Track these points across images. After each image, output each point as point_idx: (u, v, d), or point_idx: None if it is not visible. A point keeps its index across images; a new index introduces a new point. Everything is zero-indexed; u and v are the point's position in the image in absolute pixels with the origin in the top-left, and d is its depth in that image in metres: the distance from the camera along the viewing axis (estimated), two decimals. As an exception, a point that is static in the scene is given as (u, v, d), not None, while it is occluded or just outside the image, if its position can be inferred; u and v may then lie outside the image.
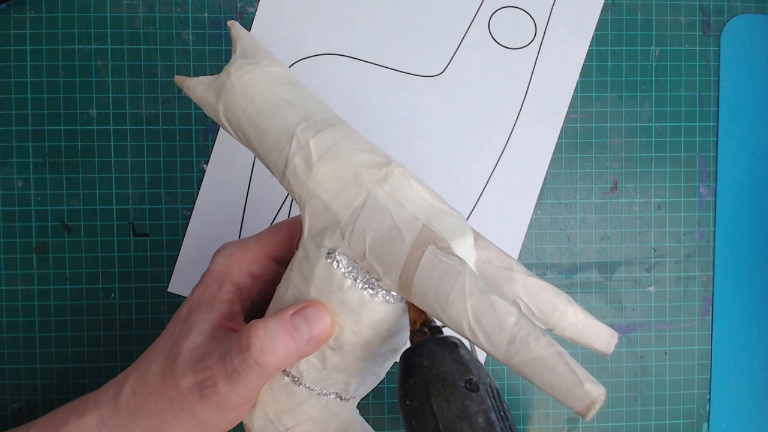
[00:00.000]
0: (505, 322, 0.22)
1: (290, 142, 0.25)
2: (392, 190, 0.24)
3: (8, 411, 0.40)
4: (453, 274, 0.23)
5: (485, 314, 0.22)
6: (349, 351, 0.26)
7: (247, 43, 0.28)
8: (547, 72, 0.41)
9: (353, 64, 0.41)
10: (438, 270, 0.23)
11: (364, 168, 0.25)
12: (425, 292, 0.23)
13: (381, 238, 0.24)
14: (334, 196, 0.25)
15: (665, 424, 0.42)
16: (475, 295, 0.22)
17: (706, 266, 0.42)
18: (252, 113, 0.26)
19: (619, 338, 0.42)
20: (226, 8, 0.40)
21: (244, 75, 0.26)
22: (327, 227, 0.25)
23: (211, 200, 0.40)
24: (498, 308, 0.22)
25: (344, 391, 0.27)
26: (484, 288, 0.23)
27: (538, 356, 0.22)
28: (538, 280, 0.26)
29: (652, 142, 0.42)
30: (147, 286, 0.40)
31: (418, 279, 0.23)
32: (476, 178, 0.41)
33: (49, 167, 0.40)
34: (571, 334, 0.26)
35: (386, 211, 0.24)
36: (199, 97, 0.27)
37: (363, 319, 0.25)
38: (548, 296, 0.26)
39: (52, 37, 0.39)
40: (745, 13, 0.42)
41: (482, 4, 0.41)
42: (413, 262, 0.23)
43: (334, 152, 0.25)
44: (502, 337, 0.22)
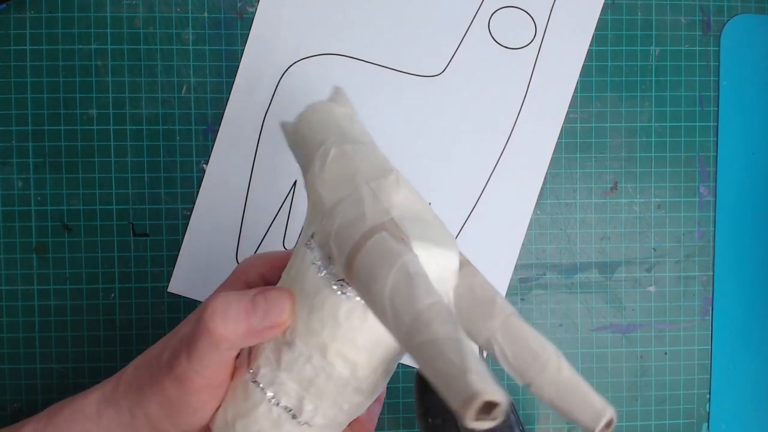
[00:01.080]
0: (418, 301, 0.20)
1: (318, 148, 0.26)
2: (378, 188, 0.24)
3: (8, 411, 0.40)
4: (392, 256, 0.21)
5: (401, 292, 0.20)
6: (300, 350, 0.24)
7: (337, 95, 0.31)
8: (547, 72, 0.41)
9: (353, 64, 0.41)
10: (380, 251, 0.21)
11: (364, 170, 0.25)
12: (360, 271, 0.22)
13: (347, 222, 0.23)
14: (329, 190, 0.25)
15: (665, 424, 0.42)
16: (401, 274, 0.20)
17: (706, 266, 0.42)
18: (306, 132, 0.28)
19: (620, 338, 0.42)
20: (226, 8, 0.40)
21: (315, 107, 0.29)
22: (317, 216, 0.25)
23: (211, 200, 0.40)
24: (416, 288, 0.20)
25: (298, 410, 0.25)
26: (415, 271, 0.20)
27: (435, 338, 0.19)
28: (522, 322, 0.23)
29: (652, 142, 0.42)
30: (147, 286, 0.40)
31: (359, 258, 0.22)
32: (476, 178, 0.41)
33: (49, 167, 0.40)
34: (550, 395, 0.21)
35: (362, 201, 0.24)
36: (286, 133, 0.30)
37: (314, 308, 0.24)
38: (529, 342, 0.22)
39: (52, 37, 0.39)
40: (745, 13, 0.42)
41: (482, 4, 0.41)
42: (362, 243, 0.22)
43: (347, 158, 0.25)
44: (408, 315, 0.19)
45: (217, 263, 0.40)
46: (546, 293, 0.42)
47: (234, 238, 0.40)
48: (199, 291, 0.40)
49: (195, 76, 0.40)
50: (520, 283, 0.42)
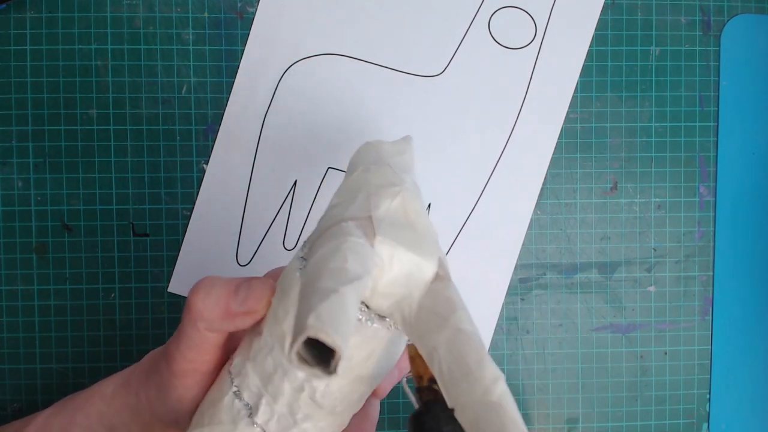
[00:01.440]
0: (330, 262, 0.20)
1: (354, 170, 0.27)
2: (375, 193, 0.24)
3: (8, 411, 0.40)
4: (339, 236, 0.21)
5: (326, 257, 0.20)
6: (266, 340, 0.24)
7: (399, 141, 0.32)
8: (547, 72, 0.41)
9: (353, 64, 0.41)
10: (335, 233, 0.21)
11: (374, 183, 0.25)
12: (312, 251, 0.22)
13: (331, 216, 0.24)
14: (338, 196, 0.26)
15: (665, 424, 0.42)
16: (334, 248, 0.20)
17: (706, 266, 0.42)
18: (352, 159, 0.29)
19: (620, 338, 0.42)
20: (226, 8, 0.40)
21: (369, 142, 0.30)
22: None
23: (211, 200, 0.40)
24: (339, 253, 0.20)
25: (255, 407, 0.24)
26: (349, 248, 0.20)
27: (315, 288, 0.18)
28: (472, 339, 0.20)
29: (652, 142, 0.42)
30: (147, 286, 0.40)
31: (318, 241, 0.22)
32: (476, 178, 0.41)
33: (49, 167, 0.40)
34: (467, 419, 0.19)
35: (354, 201, 0.24)
36: None
37: (282, 296, 0.23)
38: (468, 359, 0.20)
39: (52, 37, 0.39)
40: (745, 13, 0.42)
41: (482, 4, 0.41)
42: (328, 229, 0.22)
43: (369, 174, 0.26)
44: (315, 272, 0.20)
45: (217, 263, 0.40)
46: (546, 293, 0.42)
47: (234, 238, 0.40)
48: (199, 291, 0.40)
49: (195, 76, 0.40)
50: (520, 283, 0.42)
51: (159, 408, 0.28)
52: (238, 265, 0.40)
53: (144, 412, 0.28)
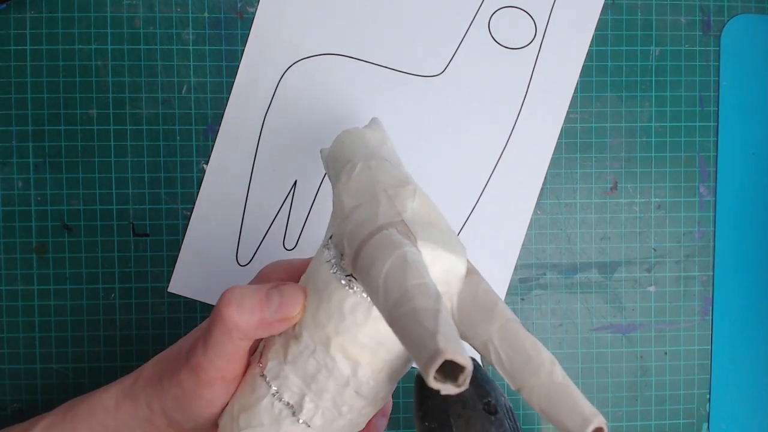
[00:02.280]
0: (409, 281, 0.20)
1: (346, 164, 0.28)
2: (395, 194, 0.25)
3: (8, 411, 0.40)
4: (393, 246, 0.21)
5: (394, 274, 0.20)
6: (306, 343, 0.25)
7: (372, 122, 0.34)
8: (547, 72, 0.41)
9: (353, 64, 0.41)
10: (384, 243, 0.22)
11: (384, 181, 0.26)
12: (363, 261, 0.22)
13: (360, 222, 0.24)
14: (351, 197, 0.26)
15: (665, 424, 0.42)
16: (398, 261, 0.21)
17: (706, 266, 0.42)
18: (338, 152, 0.30)
19: (620, 338, 0.42)
20: (226, 8, 0.40)
21: (350, 131, 0.31)
22: (336, 220, 0.26)
23: (211, 200, 0.40)
24: (410, 269, 0.20)
25: (298, 406, 0.25)
26: (413, 260, 0.21)
27: (414, 308, 0.19)
28: (520, 327, 0.23)
29: (652, 142, 0.42)
30: (147, 286, 0.40)
31: (364, 250, 0.22)
32: (476, 178, 0.41)
33: (49, 167, 0.40)
34: (539, 399, 0.21)
35: (378, 203, 0.25)
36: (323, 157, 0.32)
37: (322, 301, 0.24)
38: (525, 345, 0.22)
39: (52, 37, 0.39)
40: (745, 13, 0.42)
41: (482, 4, 0.41)
42: (369, 238, 0.23)
43: (371, 171, 0.27)
44: (395, 292, 0.20)
45: (217, 263, 0.40)
46: (546, 293, 0.42)
47: (234, 238, 0.40)
48: (199, 291, 0.40)
49: (195, 76, 0.40)
50: (520, 283, 0.42)
51: (178, 417, 0.28)
52: (238, 266, 0.40)
53: (158, 422, 0.28)
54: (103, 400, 0.30)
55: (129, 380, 0.30)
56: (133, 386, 0.29)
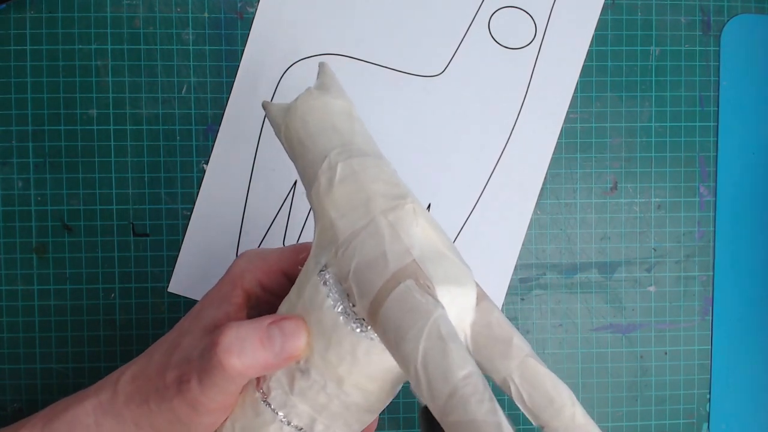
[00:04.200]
0: (453, 374, 0.20)
1: (321, 162, 0.26)
2: (396, 220, 0.24)
3: (8, 411, 0.40)
4: (420, 313, 0.21)
5: (435, 361, 0.20)
6: (315, 379, 0.25)
7: (326, 79, 0.30)
8: (547, 72, 0.41)
9: (353, 64, 0.41)
10: (407, 304, 0.21)
11: (378, 196, 0.24)
12: (388, 323, 0.22)
13: (367, 262, 0.23)
14: (341, 215, 0.24)
15: (665, 424, 0.42)
16: (432, 339, 0.20)
17: (706, 266, 0.42)
18: (302, 133, 0.27)
19: (620, 338, 0.42)
20: (226, 8, 0.40)
21: (308, 101, 0.28)
22: (329, 244, 0.24)
23: (211, 200, 0.40)
24: (450, 357, 0.20)
25: (308, 428, 0.26)
26: (446, 334, 0.20)
27: (474, 420, 0.19)
28: (538, 364, 0.23)
29: (652, 142, 0.42)
30: (147, 286, 0.40)
31: (385, 308, 0.22)
32: (476, 178, 0.41)
33: (49, 167, 0.40)
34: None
35: (381, 237, 0.23)
36: (271, 117, 0.29)
37: (332, 344, 0.24)
38: (546, 386, 0.23)
39: (52, 37, 0.39)
40: (745, 13, 0.42)
41: (482, 4, 0.41)
42: (386, 291, 0.22)
43: (357, 177, 0.25)
44: (443, 389, 0.20)
45: (217, 263, 0.40)
46: (546, 293, 0.42)
47: (234, 238, 0.40)
48: (199, 291, 0.40)
49: (195, 76, 0.40)
50: (520, 283, 0.42)
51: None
52: (238, 265, 0.40)
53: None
54: (80, 417, 0.28)
55: (105, 395, 0.28)
56: (113, 402, 0.28)
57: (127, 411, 0.28)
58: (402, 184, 0.26)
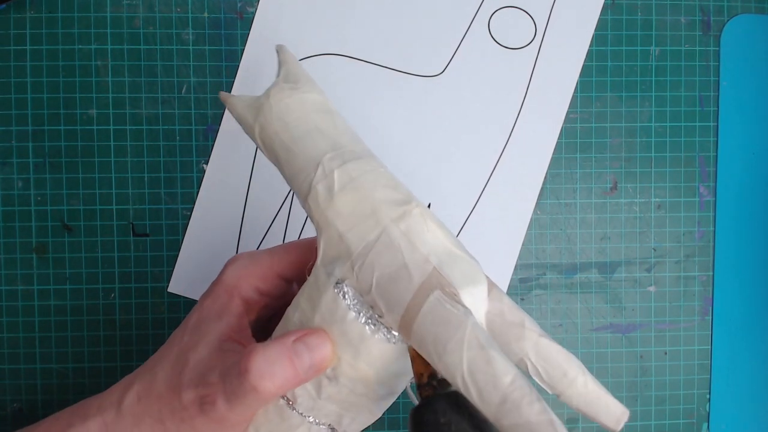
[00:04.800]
0: (500, 381, 0.21)
1: (316, 169, 0.25)
2: (408, 229, 0.24)
3: (8, 411, 0.40)
4: (455, 324, 0.22)
5: (481, 369, 0.22)
6: (344, 384, 0.25)
7: (291, 68, 0.29)
8: (547, 72, 0.41)
9: (353, 64, 0.41)
10: (440, 316, 0.23)
11: (383, 203, 0.25)
12: (424, 336, 0.23)
13: (389, 275, 0.24)
14: (350, 227, 0.24)
15: (665, 424, 0.42)
16: (473, 348, 0.22)
17: (706, 266, 0.42)
18: (285, 137, 0.26)
19: (620, 338, 0.42)
20: (226, 8, 0.40)
21: (283, 99, 0.27)
22: (339, 257, 0.25)
23: (211, 200, 0.40)
24: (495, 365, 0.21)
25: (337, 424, 0.27)
26: (485, 342, 0.22)
27: (528, 421, 0.21)
28: (550, 342, 0.25)
29: (652, 142, 0.42)
30: (147, 286, 0.40)
31: (419, 322, 0.23)
32: (476, 178, 0.41)
33: (49, 167, 0.40)
34: (578, 404, 0.25)
35: (398, 249, 0.24)
36: (238, 114, 0.28)
37: (361, 353, 0.25)
38: (559, 360, 0.25)
39: (52, 37, 0.39)
40: (745, 13, 0.42)
41: (482, 4, 0.41)
42: (417, 305, 0.23)
43: (357, 184, 0.25)
44: (494, 396, 0.21)
45: (217, 263, 0.40)
46: (546, 293, 0.42)
47: (234, 238, 0.40)
48: (199, 291, 0.40)
49: (195, 76, 0.40)
50: (520, 283, 0.42)
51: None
52: (238, 265, 0.40)
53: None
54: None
55: (109, 414, 0.28)
56: (118, 423, 0.27)
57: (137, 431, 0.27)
58: (400, 184, 0.26)
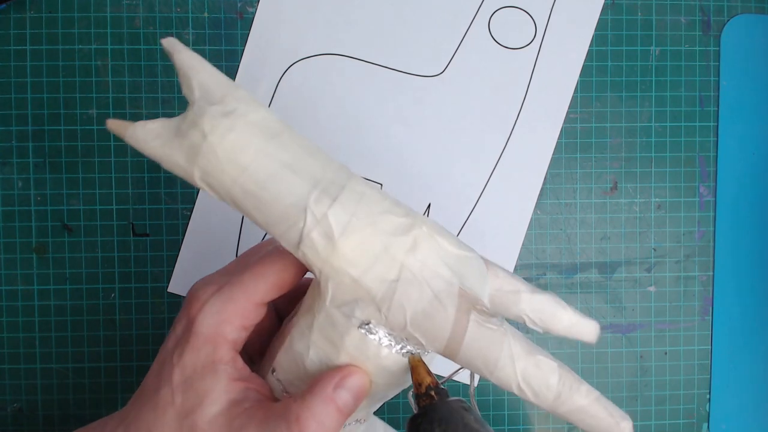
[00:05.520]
0: (551, 380, 0.24)
1: (304, 217, 0.23)
2: (424, 257, 0.24)
3: (8, 411, 0.40)
4: (498, 341, 0.24)
5: (533, 375, 0.24)
6: (380, 398, 0.27)
7: (208, 79, 0.23)
8: (547, 72, 0.41)
9: (353, 64, 0.41)
10: (484, 338, 0.24)
11: (391, 236, 0.24)
12: (472, 358, 0.24)
13: (423, 311, 0.24)
14: (365, 271, 0.23)
15: (665, 424, 0.42)
16: (522, 358, 0.24)
17: (706, 266, 0.42)
18: (247, 184, 0.23)
19: (620, 338, 0.42)
20: (226, 8, 0.40)
21: (225, 135, 0.22)
22: (357, 299, 0.24)
23: (211, 200, 0.40)
24: (543, 368, 0.24)
25: (366, 416, 0.29)
26: (529, 348, 0.24)
27: (581, 406, 0.24)
28: (541, 295, 0.27)
29: (652, 142, 0.42)
30: (147, 286, 0.40)
31: (465, 348, 0.24)
32: (476, 178, 0.41)
33: (49, 167, 0.40)
34: (564, 333, 0.27)
35: (423, 282, 0.24)
36: (157, 155, 0.23)
37: (399, 381, 0.26)
38: (549, 307, 0.27)
39: (52, 37, 0.39)
40: (745, 13, 0.42)
41: (482, 4, 0.41)
42: (459, 333, 0.24)
43: (357, 223, 0.23)
44: (549, 394, 0.24)
45: (217, 263, 0.40)
46: (546, 293, 0.42)
47: (234, 238, 0.40)
48: (199, 291, 0.40)
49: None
50: (520, 283, 0.42)
51: None
52: (238, 265, 0.40)
53: None
54: None
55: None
56: None
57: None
58: (387, 198, 0.25)
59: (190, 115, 0.23)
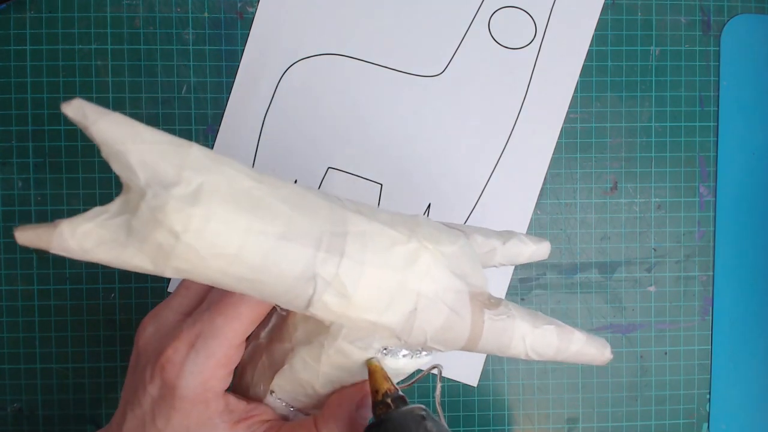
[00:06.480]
0: (552, 342, 0.26)
1: (313, 285, 0.21)
2: (434, 277, 0.24)
3: (8, 411, 0.40)
4: (510, 327, 0.26)
5: (539, 344, 0.26)
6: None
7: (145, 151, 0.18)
8: (547, 72, 0.41)
9: (353, 64, 0.41)
10: (497, 329, 0.25)
11: (402, 270, 0.23)
12: (488, 348, 0.26)
13: (441, 326, 0.24)
14: (381, 312, 0.23)
15: (665, 424, 0.42)
16: (530, 334, 0.26)
17: (706, 266, 0.42)
18: (240, 272, 0.20)
19: (620, 338, 0.42)
20: (226, 8, 0.40)
21: (204, 228, 0.18)
22: (374, 333, 0.24)
23: (211, 200, 0.40)
24: (547, 335, 0.26)
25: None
26: (532, 321, 0.26)
27: (575, 351, 0.27)
28: (510, 241, 0.31)
29: (652, 142, 0.42)
30: (147, 286, 0.40)
31: (483, 342, 0.26)
32: (476, 178, 0.41)
33: (49, 167, 0.40)
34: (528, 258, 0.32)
35: (438, 302, 0.24)
36: (106, 263, 0.18)
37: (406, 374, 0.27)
38: (515, 249, 0.31)
39: (52, 37, 0.39)
40: (745, 13, 0.42)
41: (482, 4, 0.41)
42: (477, 333, 0.25)
43: (369, 269, 0.22)
44: (550, 351, 0.27)
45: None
46: (546, 293, 0.42)
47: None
48: (199, 291, 0.40)
49: (195, 76, 0.40)
50: (520, 283, 0.42)
51: None
52: (238, 265, 0.40)
53: None
54: None
55: None
56: None
57: None
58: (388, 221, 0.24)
59: (143, 208, 0.18)
